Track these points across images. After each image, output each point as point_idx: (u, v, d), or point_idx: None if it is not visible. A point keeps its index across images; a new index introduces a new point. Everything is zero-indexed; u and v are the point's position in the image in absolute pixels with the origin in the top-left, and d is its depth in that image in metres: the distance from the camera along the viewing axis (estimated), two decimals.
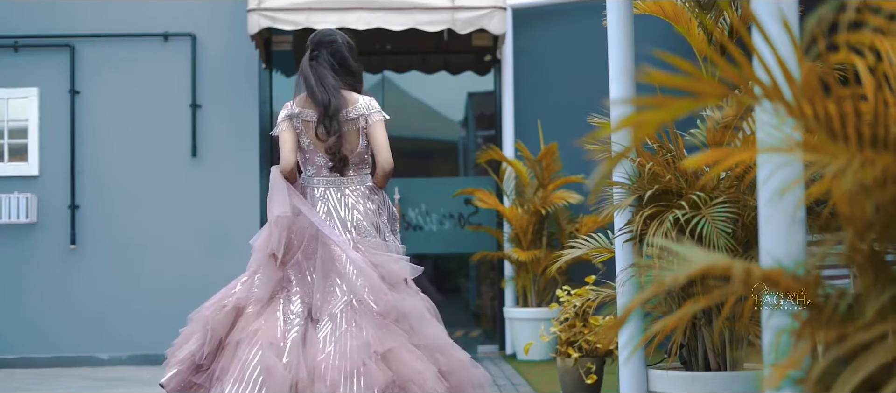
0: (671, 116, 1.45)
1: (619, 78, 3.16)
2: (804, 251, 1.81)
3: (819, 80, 1.51)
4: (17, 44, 8.25)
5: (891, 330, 1.32)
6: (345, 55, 4.24)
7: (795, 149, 1.57)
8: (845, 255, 1.53)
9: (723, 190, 3.15)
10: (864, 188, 1.44)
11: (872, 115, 1.46)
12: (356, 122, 4.13)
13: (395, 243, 4.16)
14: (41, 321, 8.24)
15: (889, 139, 1.44)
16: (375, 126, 4.14)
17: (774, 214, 1.87)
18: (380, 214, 4.19)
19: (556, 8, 8.25)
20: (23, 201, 8.18)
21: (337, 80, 4.17)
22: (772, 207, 1.83)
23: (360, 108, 4.15)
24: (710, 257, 1.62)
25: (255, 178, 8.31)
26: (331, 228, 4.02)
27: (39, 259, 8.26)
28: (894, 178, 1.40)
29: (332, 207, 4.11)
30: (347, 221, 4.07)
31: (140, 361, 8.15)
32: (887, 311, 1.39)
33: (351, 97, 4.19)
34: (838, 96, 1.49)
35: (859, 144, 1.47)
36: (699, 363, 3.44)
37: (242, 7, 8.08)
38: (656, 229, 3.04)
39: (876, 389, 1.29)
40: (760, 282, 1.53)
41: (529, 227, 7.65)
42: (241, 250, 7.80)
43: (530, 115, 8.15)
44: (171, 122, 8.32)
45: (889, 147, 1.45)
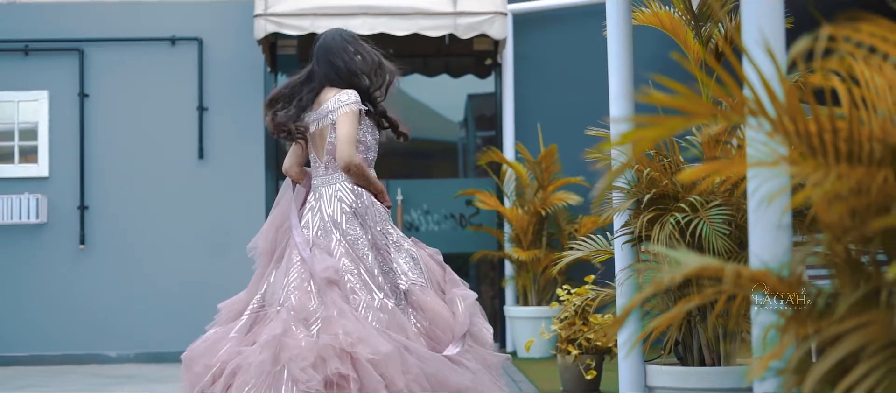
0: (667, 133, 1.62)
1: (619, 99, 3.35)
2: (789, 254, 1.97)
3: (800, 100, 1.68)
4: (28, 48, 8.35)
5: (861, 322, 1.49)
6: (322, 57, 4.29)
7: (780, 162, 1.74)
8: (824, 256, 1.69)
9: (718, 194, 3.32)
10: (841, 197, 1.61)
11: (847, 132, 1.63)
12: (325, 119, 4.17)
13: (393, 235, 4.17)
14: (51, 320, 8.33)
15: (862, 154, 1.61)
16: (340, 120, 4.11)
17: (762, 220, 2.04)
18: (355, 211, 4.13)
19: (555, 13, 8.36)
20: (33, 202, 8.27)
21: (310, 86, 4.27)
22: (759, 213, 2.00)
23: (329, 105, 4.17)
24: (703, 260, 1.79)
25: (260, 180, 8.41)
26: (300, 231, 4.15)
27: (49, 259, 8.35)
28: (867, 188, 1.57)
29: (320, 204, 4.19)
30: (328, 217, 4.14)
31: (147, 359, 8.26)
32: (859, 306, 1.56)
33: (321, 97, 4.23)
34: (817, 115, 1.66)
35: (836, 158, 1.63)
36: (694, 359, 3.61)
37: (248, 12, 8.18)
38: (659, 232, 3.21)
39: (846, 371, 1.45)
40: (749, 282, 1.70)
41: (529, 227, 7.76)
42: (245, 251, 7.99)
43: (530, 118, 8.25)
44: (179, 125, 8.42)
45: (862, 161, 1.62)
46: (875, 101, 1.63)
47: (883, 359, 1.42)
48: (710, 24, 3.69)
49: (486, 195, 7.95)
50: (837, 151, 1.64)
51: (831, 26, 1.58)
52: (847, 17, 1.52)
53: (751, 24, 2.02)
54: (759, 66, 1.63)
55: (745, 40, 1.94)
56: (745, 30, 2.02)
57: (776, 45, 2.01)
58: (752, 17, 2.03)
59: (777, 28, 2.04)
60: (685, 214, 3.27)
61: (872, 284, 1.56)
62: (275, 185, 8.45)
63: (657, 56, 5.07)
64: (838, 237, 1.62)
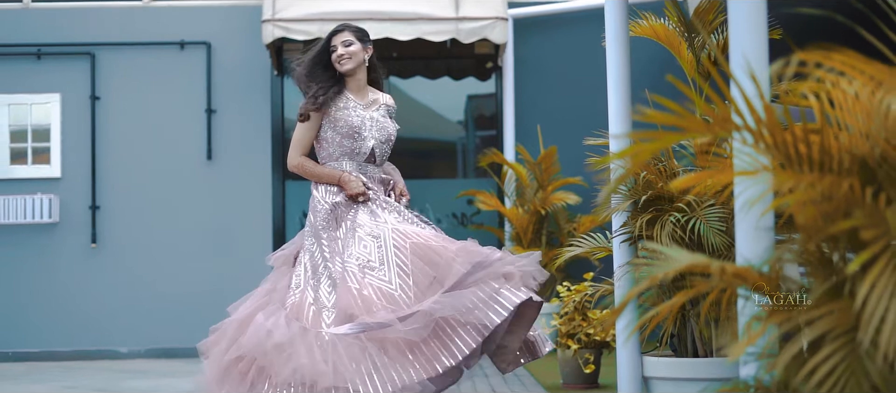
0: (662, 147, 1.84)
1: (617, 116, 3.60)
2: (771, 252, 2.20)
3: (779, 117, 1.91)
4: (40, 52, 8.49)
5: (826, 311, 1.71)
6: (307, 61, 4.61)
7: (760, 171, 1.97)
8: (799, 254, 1.92)
9: (711, 196, 3.55)
10: (813, 202, 1.84)
11: (819, 145, 1.85)
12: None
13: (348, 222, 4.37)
14: (63, 317, 8.44)
15: (832, 164, 1.83)
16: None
17: (745, 222, 2.27)
18: (314, 208, 4.44)
19: (554, 18, 8.51)
20: (46, 202, 8.40)
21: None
22: (743, 216, 2.23)
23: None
24: (693, 257, 2.02)
25: (267, 180, 8.54)
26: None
27: (61, 257, 8.48)
28: (834, 194, 1.79)
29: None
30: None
31: (157, 355, 8.40)
32: (827, 297, 1.78)
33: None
34: (793, 129, 1.89)
35: (809, 168, 1.86)
36: (688, 350, 3.84)
37: (255, 17, 8.36)
38: (660, 231, 3.46)
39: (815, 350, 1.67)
40: (733, 278, 1.92)
41: (529, 226, 7.88)
42: (253, 249, 8.17)
43: (530, 120, 8.39)
44: (187, 127, 8.55)
45: (831, 170, 1.85)
46: (844, 118, 1.86)
47: (844, 343, 1.64)
48: (701, 35, 3.92)
49: (486, 195, 8.09)
50: (811, 162, 1.87)
51: (804, 52, 1.81)
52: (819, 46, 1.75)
53: (736, 51, 2.26)
54: (743, 88, 1.86)
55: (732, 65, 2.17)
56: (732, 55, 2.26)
57: (758, 67, 2.23)
58: (738, 44, 2.26)
59: (760, 53, 2.27)
60: (684, 213, 3.51)
61: (839, 278, 1.79)
62: (281, 184, 8.63)
63: (656, 59, 5.28)
64: (811, 237, 1.85)
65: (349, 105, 4.53)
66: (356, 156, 4.49)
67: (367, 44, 4.60)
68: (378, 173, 4.58)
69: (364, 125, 4.51)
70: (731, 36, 2.30)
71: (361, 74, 4.60)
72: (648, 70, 5.50)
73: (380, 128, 4.56)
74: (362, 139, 4.49)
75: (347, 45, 4.53)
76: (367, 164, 4.53)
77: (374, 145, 4.51)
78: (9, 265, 8.45)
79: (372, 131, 4.52)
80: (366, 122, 4.52)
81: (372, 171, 4.55)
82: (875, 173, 1.80)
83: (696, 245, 3.44)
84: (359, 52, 4.54)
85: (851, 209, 1.71)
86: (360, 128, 4.48)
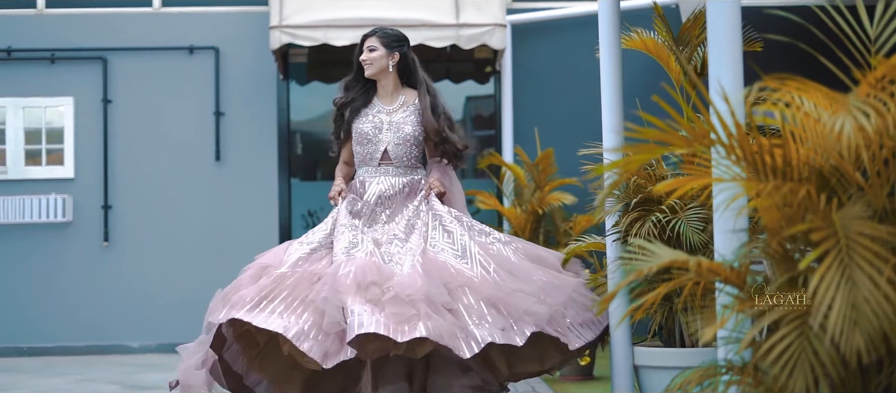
0: (649, 158, 2.14)
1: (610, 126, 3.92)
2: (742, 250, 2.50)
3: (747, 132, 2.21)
4: (54, 56, 8.69)
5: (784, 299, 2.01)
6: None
7: (735, 178, 2.27)
8: (764, 250, 2.21)
9: (695, 198, 3.86)
10: (776, 206, 2.13)
11: (782, 157, 2.15)
12: None
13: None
14: (76, 312, 8.65)
15: (792, 173, 2.13)
16: None
17: (721, 222, 2.57)
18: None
19: (550, 24, 8.72)
20: (60, 202, 8.62)
21: None
22: (719, 217, 2.53)
23: None
24: (674, 253, 2.32)
25: (273, 180, 8.74)
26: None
27: (75, 255, 8.68)
28: (794, 200, 2.09)
29: None
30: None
31: (167, 349, 8.44)
32: (785, 287, 2.08)
33: None
34: (759, 143, 2.19)
35: (773, 176, 2.15)
36: (676, 341, 4.15)
37: (262, 23, 8.55)
38: (638, 229, 3.78)
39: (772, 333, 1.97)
40: (708, 272, 2.22)
41: (527, 225, 8.00)
42: (259, 246, 8.33)
43: (528, 123, 8.58)
44: (196, 129, 8.76)
45: (793, 179, 2.14)
46: (803, 134, 2.15)
47: (797, 326, 1.94)
48: (688, 48, 4.22)
49: (486, 195, 8.26)
50: (774, 171, 2.16)
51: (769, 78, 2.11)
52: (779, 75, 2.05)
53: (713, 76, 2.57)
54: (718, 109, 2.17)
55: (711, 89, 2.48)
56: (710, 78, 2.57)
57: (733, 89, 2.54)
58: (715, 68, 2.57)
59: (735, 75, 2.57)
60: (665, 214, 3.83)
61: (796, 272, 2.08)
62: (287, 184, 8.87)
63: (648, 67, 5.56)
64: (773, 236, 2.14)
65: (370, 112, 4.64)
66: (370, 161, 4.61)
67: (395, 49, 4.61)
68: (402, 175, 4.59)
69: (378, 130, 4.58)
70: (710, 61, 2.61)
71: (387, 79, 4.64)
72: (642, 77, 5.78)
73: (397, 129, 4.58)
74: (374, 144, 4.57)
75: (371, 51, 4.61)
76: (384, 167, 4.60)
77: (388, 147, 4.58)
78: (24, 263, 8.66)
79: (387, 134, 4.57)
80: (382, 127, 4.59)
81: (392, 173, 4.59)
82: (829, 181, 2.10)
83: (676, 243, 3.76)
84: (381, 59, 4.58)
85: (806, 213, 2.01)
86: (369, 134, 4.58)
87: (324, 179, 9.31)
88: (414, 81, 4.70)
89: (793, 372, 1.85)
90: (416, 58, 4.76)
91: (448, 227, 4.42)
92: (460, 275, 4.15)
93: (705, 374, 2.20)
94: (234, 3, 8.87)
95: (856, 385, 1.90)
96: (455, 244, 4.34)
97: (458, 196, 4.77)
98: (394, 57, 4.62)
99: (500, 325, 3.98)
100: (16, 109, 8.71)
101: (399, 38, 4.67)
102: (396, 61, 4.63)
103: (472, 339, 3.91)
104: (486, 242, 4.42)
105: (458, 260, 4.25)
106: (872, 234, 1.88)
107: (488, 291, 4.08)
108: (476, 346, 3.90)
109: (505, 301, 4.05)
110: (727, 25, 2.66)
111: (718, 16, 2.68)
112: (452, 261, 4.24)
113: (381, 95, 4.70)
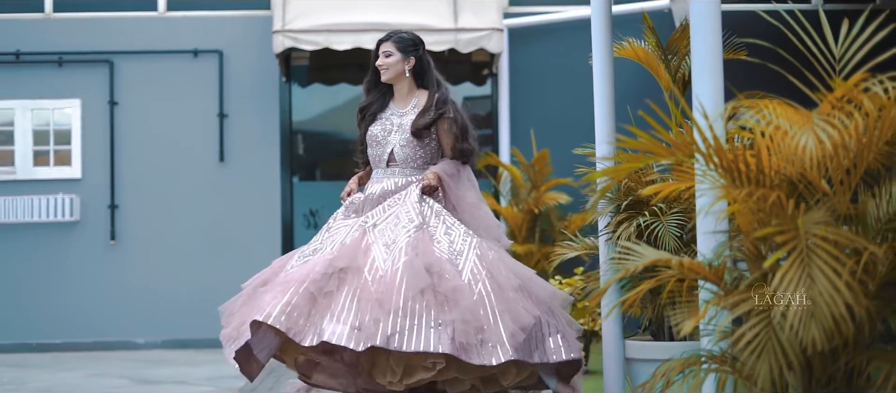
0: (637, 166, 2.36)
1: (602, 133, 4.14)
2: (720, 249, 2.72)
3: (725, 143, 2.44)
4: (62, 59, 8.82)
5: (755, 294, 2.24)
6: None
7: (715, 184, 2.50)
8: (739, 250, 2.44)
9: (681, 201, 4.08)
10: (750, 210, 2.36)
11: (756, 166, 2.38)
12: None
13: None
14: (84, 309, 8.78)
15: (764, 181, 2.36)
16: None
17: (703, 224, 2.80)
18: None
19: (546, 28, 8.87)
20: (67, 201, 8.76)
21: None
22: (700, 219, 2.75)
23: None
24: (658, 253, 2.55)
25: (276, 181, 8.87)
26: None
27: (82, 254, 8.82)
28: (765, 205, 2.31)
29: None
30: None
31: (173, 346, 8.77)
32: (756, 283, 2.31)
33: None
34: (736, 153, 2.42)
35: (748, 183, 2.38)
36: (664, 335, 4.38)
37: (265, 27, 8.71)
38: (624, 231, 4.01)
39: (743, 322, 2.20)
40: (688, 270, 2.45)
41: (523, 224, 8.19)
42: (262, 245, 8.54)
43: (524, 124, 8.73)
44: (201, 130, 8.88)
45: (766, 185, 2.37)
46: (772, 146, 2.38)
47: (762, 317, 2.17)
48: (676, 57, 4.45)
49: (483, 195, 8.41)
50: (748, 178, 2.39)
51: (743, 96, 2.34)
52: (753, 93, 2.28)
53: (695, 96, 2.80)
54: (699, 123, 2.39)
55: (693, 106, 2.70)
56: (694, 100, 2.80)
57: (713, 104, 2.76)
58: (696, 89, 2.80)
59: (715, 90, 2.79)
60: (653, 216, 4.06)
61: (763, 270, 2.31)
62: (289, 185, 9.04)
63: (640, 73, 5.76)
64: (747, 237, 2.37)
65: (383, 116, 4.73)
66: (379, 163, 4.71)
67: (410, 53, 4.65)
68: (408, 176, 4.63)
69: (388, 132, 4.67)
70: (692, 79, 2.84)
71: (402, 83, 4.70)
72: (635, 81, 5.95)
73: (404, 131, 4.63)
74: (382, 147, 4.67)
75: (387, 56, 4.65)
76: (391, 168, 4.67)
77: (394, 149, 4.65)
78: (32, 261, 8.80)
79: (395, 136, 4.64)
80: (392, 129, 4.67)
81: (397, 173, 4.65)
82: (797, 188, 2.32)
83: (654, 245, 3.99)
84: (397, 64, 4.63)
85: (773, 217, 2.24)
86: (379, 136, 4.67)
87: (324, 179, 9.50)
88: (428, 83, 4.74)
89: (759, 358, 2.08)
90: (431, 60, 4.81)
91: (450, 227, 4.52)
92: (444, 276, 4.20)
93: (686, 362, 2.42)
94: (237, 8, 8.99)
95: (818, 370, 2.13)
96: (454, 243, 4.42)
97: (468, 196, 4.75)
98: (409, 62, 4.67)
99: (463, 337, 4.03)
100: (24, 111, 8.85)
101: (415, 43, 4.71)
102: (412, 66, 4.69)
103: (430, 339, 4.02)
104: (483, 253, 4.44)
105: (450, 255, 4.33)
106: (832, 236, 2.11)
107: (465, 303, 4.11)
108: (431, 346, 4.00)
109: (483, 316, 4.11)
110: (708, 49, 2.86)
111: (700, 37, 2.89)
112: (446, 255, 4.31)
113: (397, 99, 4.77)
